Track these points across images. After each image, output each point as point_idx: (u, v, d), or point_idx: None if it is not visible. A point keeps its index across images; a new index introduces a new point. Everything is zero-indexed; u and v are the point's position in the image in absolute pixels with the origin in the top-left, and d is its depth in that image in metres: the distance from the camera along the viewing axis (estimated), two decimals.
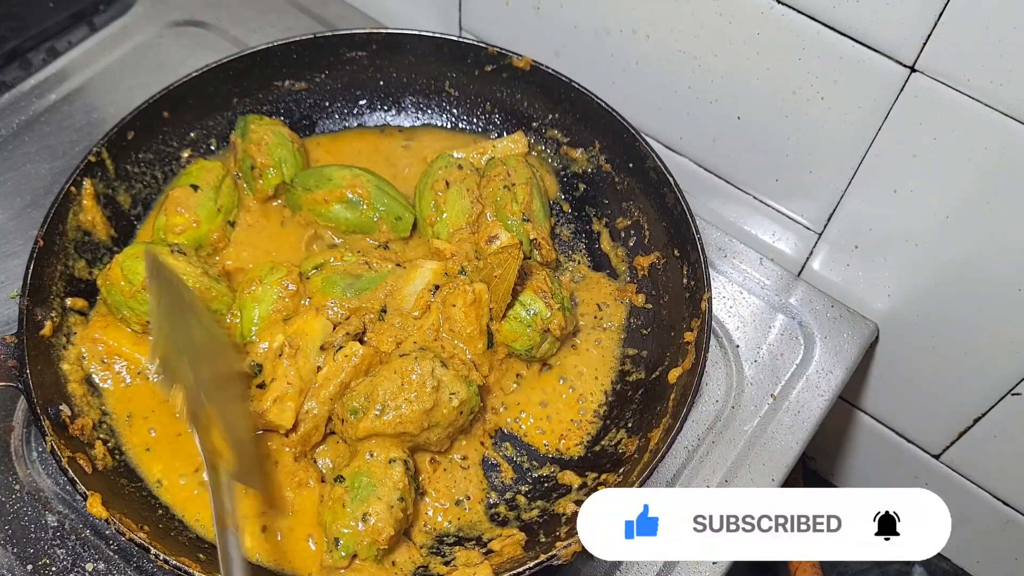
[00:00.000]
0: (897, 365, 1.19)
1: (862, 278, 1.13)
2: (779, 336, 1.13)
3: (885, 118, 0.95)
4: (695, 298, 0.96)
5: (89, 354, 0.95)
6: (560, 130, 1.14)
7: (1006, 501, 1.21)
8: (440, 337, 0.94)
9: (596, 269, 1.10)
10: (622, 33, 1.11)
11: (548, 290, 0.97)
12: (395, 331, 0.95)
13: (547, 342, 0.98)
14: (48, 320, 0.92)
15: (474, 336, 0.94)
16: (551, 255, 1.05)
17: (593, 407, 1.00)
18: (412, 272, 0.98)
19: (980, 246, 0.98)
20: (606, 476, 0.91)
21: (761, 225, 1.19)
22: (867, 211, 1.06)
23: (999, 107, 0.86)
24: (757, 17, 0.97)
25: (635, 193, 1.07)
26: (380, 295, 0.97)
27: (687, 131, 1.16)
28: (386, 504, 0.84)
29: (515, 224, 1.03)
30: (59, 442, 0.82)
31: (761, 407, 1.08)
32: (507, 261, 0.93)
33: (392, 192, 1.08)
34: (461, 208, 1.05)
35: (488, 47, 1.11)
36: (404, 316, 0.96)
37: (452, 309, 0.94)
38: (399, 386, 0.88)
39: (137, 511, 0.85)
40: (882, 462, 1.34)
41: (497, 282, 0.94)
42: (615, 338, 1.04)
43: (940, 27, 0.84)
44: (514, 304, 0.96)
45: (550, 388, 1.00)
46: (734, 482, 1.02)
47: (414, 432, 0.88)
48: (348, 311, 0.96)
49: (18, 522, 0.92)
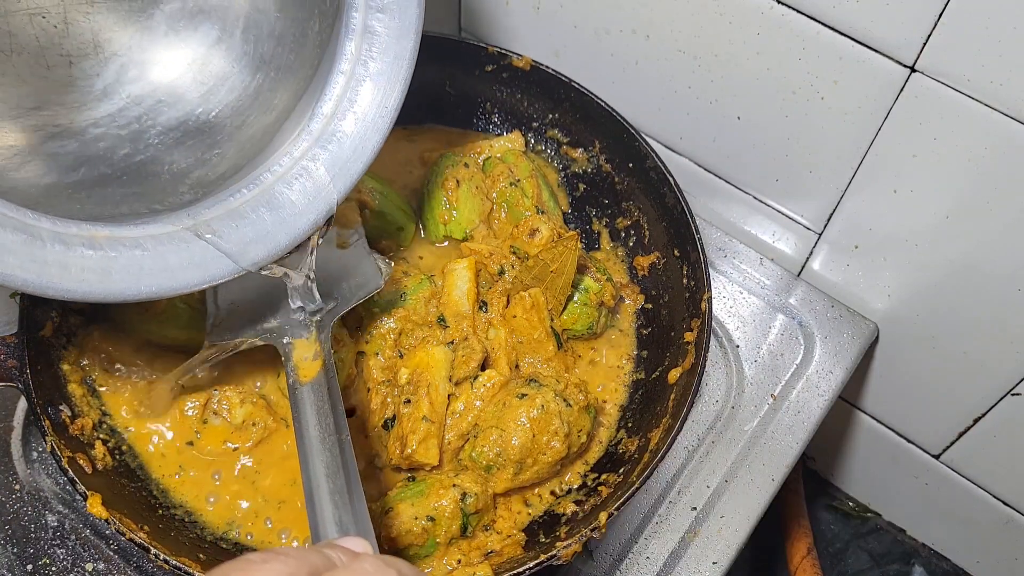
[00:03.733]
0: (897, 365, 1.19)
1: (862, 278, 1.13)
2: (779, 336, 1.13)
3: (885, 118, 0.95)
4: (695, 298, 0.96)
5: (90, 363, 0.94)
6: (560, 130, 1.14)
7: (1006, 501, 1.21)
8: (516, 347, 0.95)
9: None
10: (622, 33, 1.11)
11: (588, 264, 0.97)
12: (478, 336, 0.95)
13: (603, 315, 0.98)
14: (48, 320, 0.92)
15: (542, 340, 0.94)
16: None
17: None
18: (451, 276, 0.97)
19: (980, 246, 0.98)
20: (606, 476, 0.91)
21: (761, 225, 1.19)
22: (867, 211, 1.06)
23: (999, 107, 0.86)
24: (757, 17, 0.97)
25: (635, 193, 1.07)
26: (427, 307, 0.97)
27: (687, 131, 1.16)
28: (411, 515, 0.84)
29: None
30: (59, 442, 0.82)
31: (761, 407, 1.08)
32: (564, 255, 0.92)
33: (395, 199, 1.07)
34: (473, 206, 1.05)
35: (488, 47, 1.11)
36: (468, 317, 0.95)
37: (514, 320, 0.94)
38: (531, 439, 0.86)
39: (137, 511, 0.84)
40: (882, 462, 1.34)
41: (554, 277, 0.93)
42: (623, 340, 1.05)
43: (940, 27, 0.84)
44: (573, 295, 0.96)
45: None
46: (734, 482, 1.02)
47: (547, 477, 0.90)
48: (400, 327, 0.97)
49: (18, 522, 0.92)
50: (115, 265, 0.68)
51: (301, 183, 0.79)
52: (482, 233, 1.04)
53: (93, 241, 0.68)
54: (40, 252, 0.65)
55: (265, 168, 0.79)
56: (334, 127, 0.80)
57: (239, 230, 0.75)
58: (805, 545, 1.29)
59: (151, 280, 0.70)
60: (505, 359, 0.93)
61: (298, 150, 0.79)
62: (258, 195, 0.77)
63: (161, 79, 0.88)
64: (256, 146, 0.83)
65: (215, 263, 0.74)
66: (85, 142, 0.82)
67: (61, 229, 0.67)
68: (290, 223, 0.78)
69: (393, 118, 0.82)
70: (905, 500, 1.38)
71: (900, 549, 1.43)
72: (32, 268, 0.64)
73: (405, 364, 0.93)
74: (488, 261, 0.99)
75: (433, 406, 0.89)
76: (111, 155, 0.83)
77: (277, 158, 0.79)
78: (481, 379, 0.91)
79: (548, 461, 0.87)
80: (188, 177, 0.83)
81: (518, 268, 0.98)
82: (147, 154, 0.84)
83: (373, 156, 0.82)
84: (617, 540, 0.98)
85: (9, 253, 0.63)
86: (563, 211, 1.12)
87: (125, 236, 0.70)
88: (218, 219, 0.75)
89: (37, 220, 0.65)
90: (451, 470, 0.89)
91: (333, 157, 0.80)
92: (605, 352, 1.02)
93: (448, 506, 0.84)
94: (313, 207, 0.79)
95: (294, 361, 0.83)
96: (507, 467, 0.87)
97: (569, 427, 0.87)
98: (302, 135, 0.80)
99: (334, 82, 0.80)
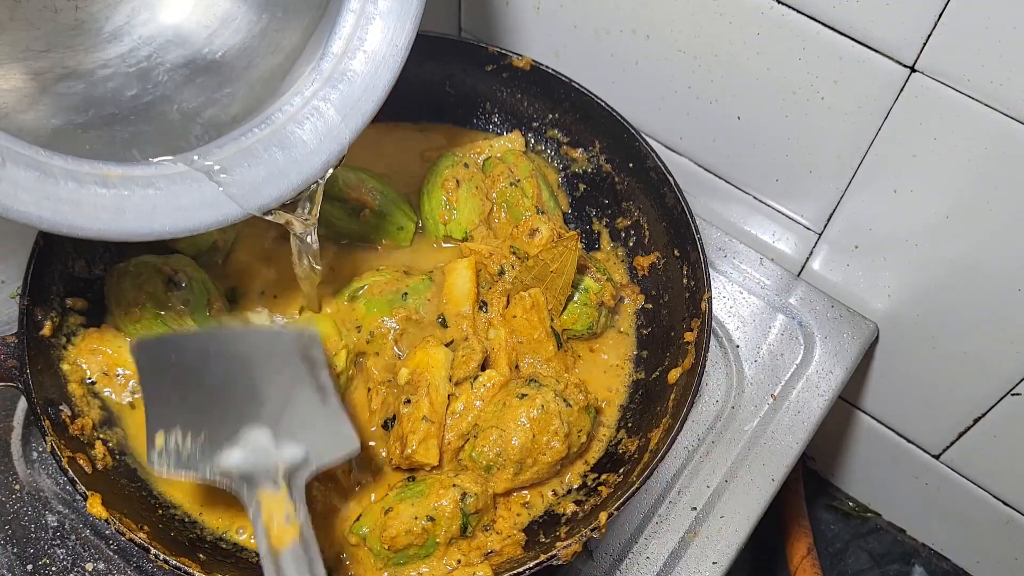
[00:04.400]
0: (897, 365, 1.19)
1: (862, 278, 1.13)
2: (779, 336, 1.13)
3: (885, 118, 0.95)
4: (695, 298, 0.96)
5: (89, 365, 0.94)
6: (560, 130, 1.14)
7: (1006, 501, 1.21)
8: (516, 348, 0.94)
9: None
10: (622, 33, 1.11)
11: (588, 264, 0.97)
12: (478, 336, 0.94)
13: (603, 315, 0.98)
14: (48, 320, 0.92)
15: (542, 340, 0.94)
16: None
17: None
18: (451, 275, 0.97)
19: (980, 246, 0.98)
20: (606, 476, 0.91)
21: (761, 225, 1.19)
22: (867, 211, 1.06)
23: (999, 107, 0.86)
24: (757, 17, 0.97)
25: (635, 193, 1.07)
26: (429, 308, 0.97)
27: (687, 131, 1.16)
28: (411, 515, 0.84)
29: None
30: (59, 442, 0.82)
31: (761, 407, 1.08)
32: (564, 255, 0.92)
33: (395, 199, 1.07)
34: (473, 206, 1.05)
35: (488, 47, 1.11)
36: (468, 317, 0.95)
37: (514, 320, 0.94)
38: (531, 440, 0.86)
39: (137, 511, 0.84)
40: (882, 462, 1.34)
41: (554, 277, 0.93)
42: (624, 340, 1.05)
43: (940, 27, 0.84)
44: (573, 295, 0.96)
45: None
46: (734, 482, 1.02)
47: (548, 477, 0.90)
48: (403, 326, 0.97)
49: (18, 522, 0.92)
50: (128, 204, 0.69)
51: (312, 123, 0.78)
52: (482, 233, 1.04)
53: (106, 180, 0.68)
54: (53, 189, 0.65)
55: (276, 108, 0.79)
56: (344, 66, 0.80)
57: (251, 169, 0.75)
58: (805, 545, 1.29)
59: (164, 219, 0.70)
60: (505, 359, 0.93)
61: (309, 90, 0.79)
62: (270, 134, 0.77)
63: (168, 20, 0.88)
64: (267, 87, 0.83)
65: (228, 203, 0.74)
66: (93, 83, 0.82)
67: (74, 167, 0.67)
68: (302, 163, 0.78)
69: (404, 56, 0.82)
70: (905, 500, 1.38)
71: (900, 549, 1.43)
72: (46, 205, 0.64)
73: (405, 364, 0.93)
74: (488, 261, 0.99)
75: (433, 406, 0.89)
76: (119, 96, 0.83)
77: (288, 98, 0.79)
78: (481, 379, 0.91)
79: (548, 461, 0.87)
80: (199, 117, 0.83)
81: (518, 268, 0.98)
82: (156, 93, 0.84)
83: (384, 95, 0.81)
84: (617, 540, 0.98)
85: (23, 191, 0.63)
86: (563, 211, 1.12)
87: (138, 175, 0.70)
88: (230, 158, 0.75)
89: (50, 158, 0.66)
90: (451, 470, 0.89)
91: (344, 97, 0.80)
92: (605, 352, 1.02)
93: (448, 506, 0.84)
94: (324, 147, 0.79)
95: (263, 522, 0.73)
96: (507, 467, 0.87)
97: (569, 427, 0.87)
98: (312, 75, 0.80)
99: (343, 21, 0.80)
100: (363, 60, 0.80)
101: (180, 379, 0.82)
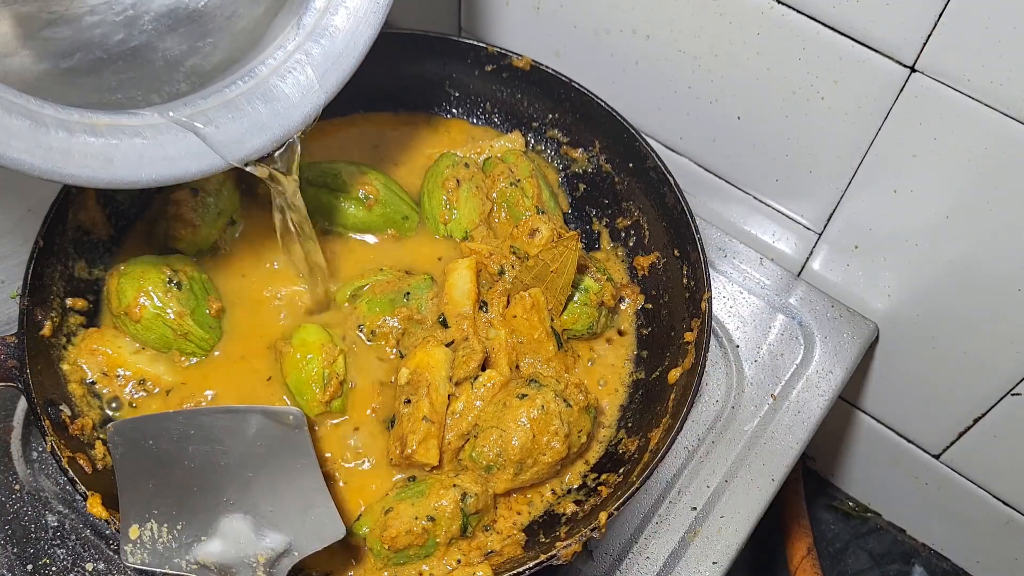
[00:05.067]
0: (897, 365, 1.19)
1: (862, 278, 1.13)
2: (779, 336, 1.13)
3: (885, 118, 0.95)
4: (695, 298, 0.96)
5: (89, 365, 0.93)
6: (560, 130, 1.14)
7: (1006, 501, 1.21)
8: (517, 348, 0.94)
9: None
10: (622, 33, 1.11)
11: (588, 264, 0.97)
12: (478, 337, 0.94)
13: (603, 315, 0.98)
14: (48, 320, 0.92)
15: (542, 340, 0.94)
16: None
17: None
18: (451, 276, 0.97)
19: (980, 246, 0.98)
20: (606, 476, 0.91)
21: (761, 225, 1.19)
22: (867, 211, 1.06)
23: (999, 107, 0.86)
24: (757, 17, 0.97)
25: (635, 193, 1.07)
26: (431, 308, 0.97)
27: (687, 131, 1.16)
28: (412, 515, 0.84)
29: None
30: (59, 442, 0.82)
31: (761, 407, 1.08)
32: (564, 255, 0.92)
33: (398, 190, 1.08)
34: (473, 206, 1.05)
35: (488, 47, 1.11)
36: (468, 317, 0.95)
37: (514, 320, 0.94)
38: (531, 440, 0.86)
39: None
40: (882, 462, 1.34)
41: (554, 277, 0.93)
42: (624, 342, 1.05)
43: (940, 27, 0.85)
44: (573, 295, 0.96)
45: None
46: (734, 482, 1.02)
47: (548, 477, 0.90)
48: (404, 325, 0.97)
49: (18, 522, 0.92)
50: (116, 152, 0.71)
51: (295, 76, 0.80)
52: (482, 233, 1.04)
53: (95, 128, 0.70)
54: (44, 138, 0.67)
55: (259, 61, 0.80)
56: (326, 21, 0.81)
57: (235, 121, 0.77)
58: (805, 545, 1.29)
59: (151, 168, 0.73)
60: (505, 359, 0.93)
61: (291, 44, 0.81)
62: (253, 87, 0.79)
63: None
64: (248, 38, 0.85)
65: (212, 154, 0.76)
66: (80, 28, 0.83)
67: (64, 116, 0.68)
68: (284, 115, 0.79)
69: (385, 13, 0.83)
70: (905, 500, 1.38)
71: (900, 549, 1.43)
72: (38, 153, 0.66)
73: (405, 364, 0.93)
74: (488, 261, 0.99)
75: (433, 406, 0.89)
76: (105, 41, 0.84)
77: (271, 52, 0.81)
78: (481, 379, 0.91)
79: (548, 461, 0.87)
80: (182, 65, 0.84)
81: (518, 268, 0.98)
82: (140, 40, 0.85)
83: (365, 51, 0.83)
84: (617, 540, 0.98)
85: (16, 138, 0.65)
86: (563, 211, 1.12)
87: (125, 124, 0.72)
88: (214, 109, 0.77)
89: (41, 107, 0.67)
90: (451, 470, 0.89)
91: (325, 51, 0.81)
92: (605, 352, 1.02)
93: (448, 506, 0.84)
94: (306, 100, 0.81)
95: None
96: (507, 467, 0.87)
97: (569, 427, 0.87)
98: (295, 29, 0.81)
99: None
100: (344, 16, 0.82)
101: (157, 464, 0.80)
